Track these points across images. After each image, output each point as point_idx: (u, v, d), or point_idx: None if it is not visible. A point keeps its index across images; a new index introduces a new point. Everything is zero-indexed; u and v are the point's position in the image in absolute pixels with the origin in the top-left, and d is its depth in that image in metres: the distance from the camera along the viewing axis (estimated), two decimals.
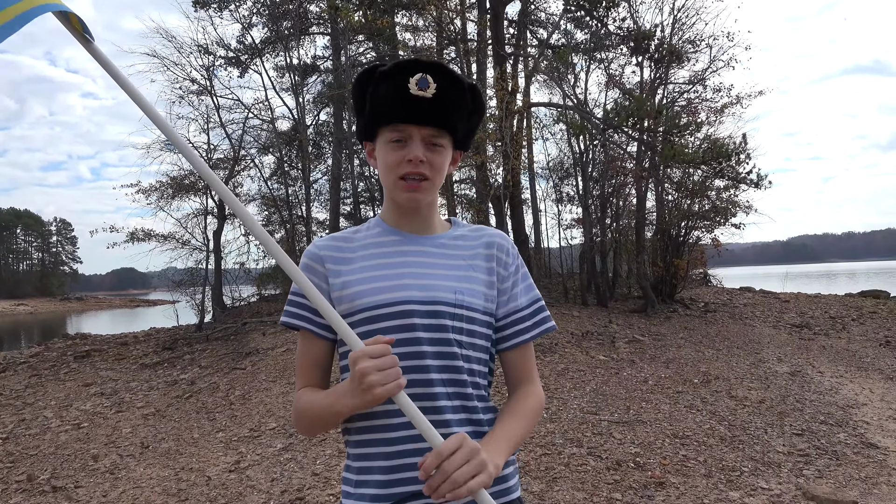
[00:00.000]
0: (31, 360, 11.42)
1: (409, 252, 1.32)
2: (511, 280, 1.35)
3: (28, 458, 5.50)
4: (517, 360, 1.35)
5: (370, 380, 1.09)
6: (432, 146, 1.27)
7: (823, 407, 5.96)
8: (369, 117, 1.30)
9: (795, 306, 13.38)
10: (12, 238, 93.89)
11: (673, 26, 14.68)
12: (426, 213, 1.36)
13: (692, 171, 13.19)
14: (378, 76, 1.27)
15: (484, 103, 1.34)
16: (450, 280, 1.29)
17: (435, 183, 1.30)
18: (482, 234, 1.39)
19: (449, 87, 1.25)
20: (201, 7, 17.92)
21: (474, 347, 1.29)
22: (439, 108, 1.25)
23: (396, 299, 1.26)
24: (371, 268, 1.31)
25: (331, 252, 1.35)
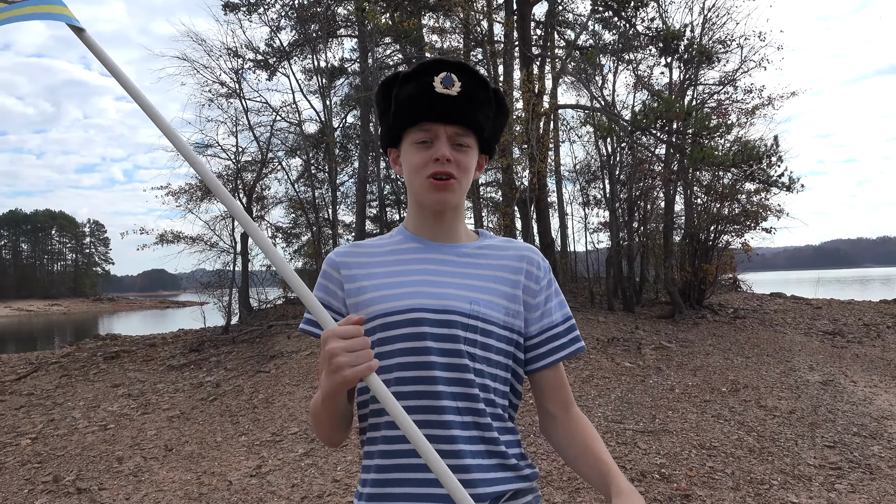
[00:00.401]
0: (62, 359, 11.63)
1: (427, 260, 1.30)
2: (543, 295, 1.31)
3: (55, 459, 5.56)
4: (555, 380, 1.29)
5: (339, 361, 1.05)
6: (458, 146, 1.25)
7: (857, 418, 5.80)
8: (394, 119, 1.29)
9: (828, 313, 13.09)
10: (47, 239, 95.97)
11: (703, 26, 14.47)
12: (451, 220, 1.32)
13: (722, 174, 12.98)
14: (402, 79, 1.27)
15: (507, 106, 1.31)
16: (467, 290, 1.25)
17: (462, 184, 1.27)
18: (512, 245, 1.35)
19: (474, 86, 1.25)
20: (231, 11, 18.15)
21: (489, 362, 1.23)
22: (465, 106, 1.23)
23: (408, 307, 1.23)
24: (387, 275, 1.29)
25: (348, 259, 1.34)
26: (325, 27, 17.85)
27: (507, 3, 15.46)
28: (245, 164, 16.98)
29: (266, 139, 16.80)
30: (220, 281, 15.32)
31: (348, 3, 18.39)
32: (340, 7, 19.09)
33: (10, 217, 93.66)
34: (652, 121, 12.29)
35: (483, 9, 14.98)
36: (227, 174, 16.38)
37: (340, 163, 17.73)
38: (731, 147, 12.39)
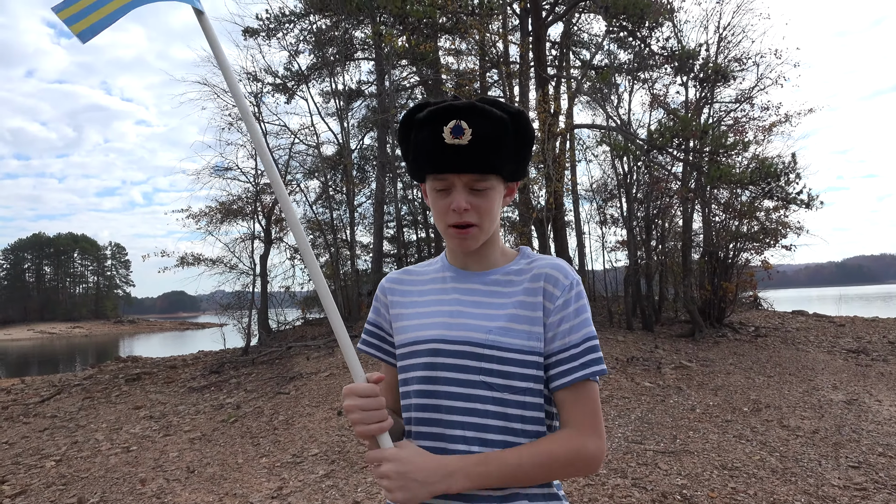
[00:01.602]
0: (84, 382, 11.76)
1: (456, 290, 1.34)
2: (558, 315, 1.25)
3: (79, 481, 5.62)
4: (563, 403, 1.24)
5: (352, 417, 1.20)
6: (477, 191, 1.25)
7: (882, 438, 5.71)
8: (413, 165, 1.31)
9: (851, 330, 12.92)
10: (70, 262, 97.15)
11: (718, 44, 14.51)
12: (482, 251, 1.35)
13: (740, 192, 12.93)
14: (417, 123, 1.27)
15: (531, 129, 1.29)
16: (487, 319, 1.27)
17: (484, 227, 1.28)
18: (537, 265, 1.31)
19: (485, 129, 1.22)
20: (251, 36, 18.47)
21: (512, 390, 1.23)
22: (477, 154, 1.22)
23: (427, 337, 1.29)
24: (420, 304, 1.36)
25: (395, 285, 1.43)
26: (343, 50, 18.10)
27: (522, 24, 15.59)
28: (264, 186, 17.18)
29: (284, 161, 17.01)
30: (240, 302, 15.46)
31: (365, 27, 18.65)
32: (358, 31, 19.35)
33: (34, 240, 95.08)
34: (668, 139, 12.30)
35: (498, 30, 15.12)
36: (246, 196, 16.58)
37: (358, 184, 17.88)
38: (749, 164, 12.35)
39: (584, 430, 1.22)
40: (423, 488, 1.16)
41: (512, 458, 1.19)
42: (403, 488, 1.16)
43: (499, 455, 1.19)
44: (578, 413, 1.23)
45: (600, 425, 1.24)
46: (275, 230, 17.08)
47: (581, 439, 1.21)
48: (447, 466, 1.18)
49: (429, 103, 1.28)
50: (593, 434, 1.22)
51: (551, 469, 1.20)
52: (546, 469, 1.20)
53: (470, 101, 1.25)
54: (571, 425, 1.23)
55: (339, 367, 9.91)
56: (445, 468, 1.18)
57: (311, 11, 18.37)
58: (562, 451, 1.20)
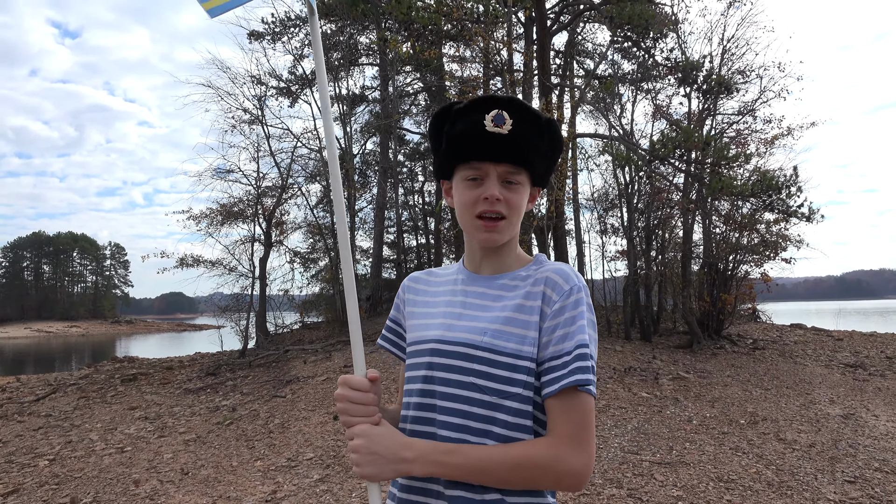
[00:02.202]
0: (80, 381, 11.73)
1: (464, 292, 1.35)
2: (554, 321, 1.22)
3: (72, 481, 5.60)
4: (550, 412, 1.20)
5: (338, 407, 1.25)
6: (509, 184, 1.26)
7: (878, 453, 5.69)
8: (445, 155, 1.31)
9: (849, 345, 12.90)
10: (69, 261, 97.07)
11: (722, 56, 14.55)
12: (499, 252, 1.34)
13: (741, 204, 12.93)
14: (454, 114, 1.28)
15: (562, 138, 1.31)
16: (485, 321, 1.27)
17: (512, 222, 1.28)
18: (542, 270, 1.30)
19: (525, 123, 1.24)
20: (255, 39, 18.52)
21: (500, 393, 1.21)
22: (515, 145, 1.24)
23: (426, 338, 1.32)
24: (429, 304, 1.39)
25: (413, 285, 1.47)
26: (347, 55, 18.14)
27: (526, 32, 15.63)
28: (266, 189, 17.20)
29: (287, 165, 17.03)
30: (238, 305, 15.44)
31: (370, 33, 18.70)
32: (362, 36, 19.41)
33: (34, 239, 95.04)
34: (670, 150, 12.31)
35: (503, 38, 15.15)
36: (247, 199, 16.58)
37: (359, 189, 17.90)
38: (751, 177, 12.36)
39: (565, 442, 1.16)
40: (388, 465, 1.18)
41: (481, 453, 1.17)
42: (370, 463, 1.18)
43: (469, 447, 1.18)
44: (563, 423, 1.17)
45: (586, 439, 1.17)
46: (275, 233, 17.08)
47: (561, 449, 1.16)
48: (413, 447, 1.19)
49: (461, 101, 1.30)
50: (576, 447, 1.16)
51: (521, 473, 1.16)
52: (516, 472, 1.16)
53: (511, 96, 1.27)
54: (554, 435, 1.18)
55: (336, 371, 9.89)
56: (411, 449, 1.19)
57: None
58: (536, 456, 1.16)
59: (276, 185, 17.31)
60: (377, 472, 1.19)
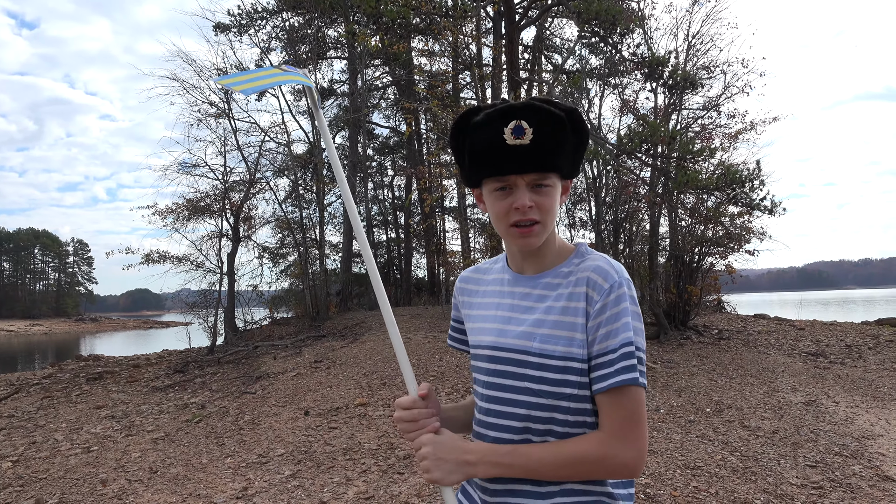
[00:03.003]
0: (44, 381, 11.50)
1: (512, 294, 1.39)
2: (598, 319, 1.24)
3: (37, 482, 5.51)
4: (600, 408, 1.24)
5: (399, 427, 1.38)
6: (539, 187, 1.26)
7: (838, 438, 5.86)
8: (470, 169, 1.31)
9: (811, 334, 13.22)
10: (30, 258, 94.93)
11: (687, 52, 14.76)
12: (540, 252, 1.36)
13: (706, 197, 13.14)
14: (472, 127, 1.27)
15: (586, 126, 1.29)
16: (532, 325, 1.31)
17: (546, 224, 1.29)
18: (584, 266, 1.30)
19: (546, 127, 1.23)
20: (222, 31, 18.28)
21: (555, 396, 1.26)
22: (539, 153, 1.23)
23: (485, 343, 1.39)
24: (482, 306, 1.45)
25: (465, 285, 1.54)
26: (316, 49, 17.99)
27: (495, 27, 15.68)
28: (233, 183, 17.00)
29: (254, 159, 16.85)
30: (206, 301, 15.26)
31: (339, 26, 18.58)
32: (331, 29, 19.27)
33: None
34: (637, 144, 12.46)
35: (472, 33, 15.18)
36: (214, 194, 16.38)
37: (328, 183, 17.77)
38: (715, 171, 12.57)
39: (615, 436, 1.21)
40: (455, 469, 1.28)
41: (536, 454, 1.25)
42: (438, 468, 1.28)
43: (526, 449, 1.26)
44: (612, 418, 1.22)
45: (636, 432, 1.21)
46: (243, 228, 16.89)
47: (610, 444, 1.21)
48: (474, 451, 1.29)
49: (481, 107, 1.29)
50: (625, 440, 1.21)
51: (575, 469, 1.23)
52: (569, 468, 1.23)
53: (527, 100, 1.25)
54: (604, 430, 1.23)
55: (306, 366, 9.85)
56: (473, 452, 1.29)
57: (283, 8, 18.25)
58: (587, 452, 1.22)
59: (244, 180, 17.12)
60: (445, 476, 1.28)
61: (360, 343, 11.24)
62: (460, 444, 1.30)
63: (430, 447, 1.30)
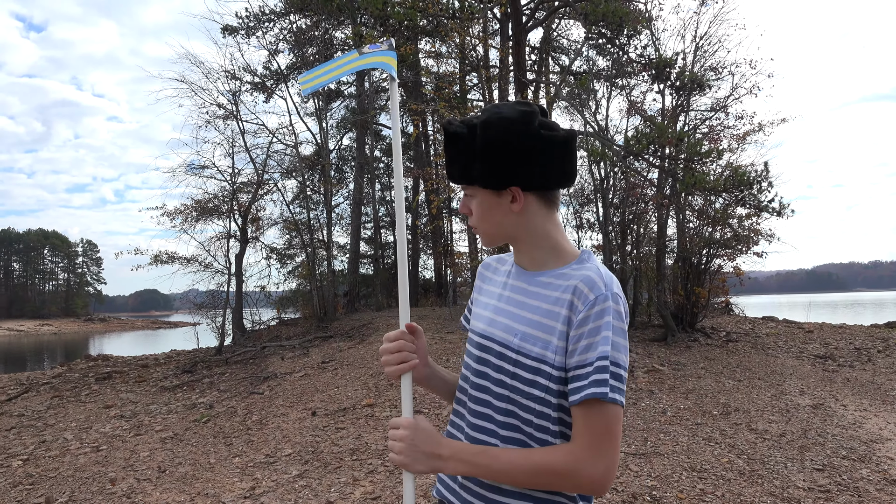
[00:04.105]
0: (53, 380, 11.58)
1: (510, 286, 1.43)
2: (579, 330, 1.23)
3: (47, 481, 5.55)
4: (574, 420, 1.23)
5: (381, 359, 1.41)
6: (469, 197, 1.39)
7: (846, 441, 5.85)
8: None
9: (819, 337, 13.17)
10: (39, 259, 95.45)
11: (695, 54, 14.74)
12: (529, 250, 1.39)
13: (714, 199, 13.11)
14: None
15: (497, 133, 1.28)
16: (517, 322, 1.34)
17: (482, 227, 1.39)
18: (576, 274, 1.30)
19: (453, 145, 1.35)
20: (230, 34, 18.34)
21: (525, 395, 1.28)
22: (452, 168, 1.37)
23: (477, 330, 1.43)
24: (487, 294, 1.49)
25: (483, 271, 1.58)
26: (323, 51, 18.04)
27: (502, 29, 15.67)
28: (241, 185, 17.07)
29: (262, 161, 16.92)
30: (214, 301, 15.32)
31: (346, 28, 18.62)
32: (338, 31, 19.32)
33: (3, 236, 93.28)
34: (644, 146, 12.43)
35: (479, 34, 15.19)
36: (222, 195, 16.45)
37: (336, 184, 17.84)
38: (723, 172, 12.52)
39: (584, 449, 1.20)
40: (424, 459, 1.29)
41: (505, 457, 1.25)
42: (409, 455, 1.29)
43: (496, 452, 1.27)
44: (584, 431, 1.21)
45: (607, 447, 1.20)
46: (251, 229, 16.96)
47: (579, 457, 1.20)
48: (449, 446, 1.30)
49: None
50: (594, 456, 1.19)
51: (542, 479, 1.22)
52: (537, 477, 1.22)
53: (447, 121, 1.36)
54: (575, 442, 1.22)
55: (313, 367, 9.88)
56: (446, 447, 1.30)
57: (291, 10, 18.31)
58: (556, 463, 1.21)
59: (252, 181, 17.19)
60: (411, 463, 1.29)
61: (368, 344, 11.27)
62: (436, 436, 1.31)
63: (408, 431, 1.30)
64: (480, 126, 1.30)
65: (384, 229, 23.19)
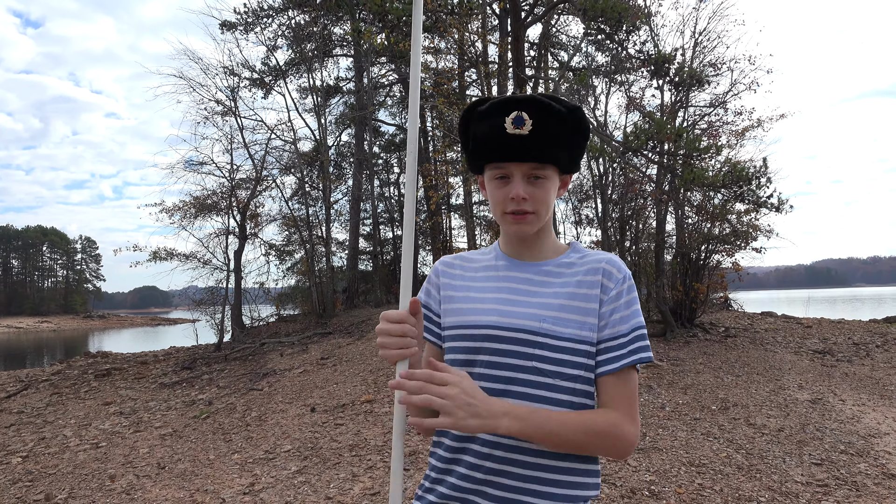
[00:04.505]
0: (52, 377, 11.58)
1: (510, 278, 1.41)
2: (612, 305, 1.33)
3: (47, 477, 5.56)
4: (603, 389, 1.32)
5: (379, 340, 1.28)
6: (535, 179, 1.32)
7: (844, 436, 5.86)
8: (473, 155, 1.38)
9: (818, 332, 13.18)
10: (38, 256, 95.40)
11: (694, 49, 14.71)
12: (536, 241, 1.41)
13: (712, 195, 13.10)
14: (477, 115, 1.34)
15: (587, 124, 1.36)
16: (539, 308, 1.34)
17: (540, 214, 1.35)
18: (591, 259, 1.39)
19: (545, 121, 1.29)
20: (228, 29, 18.31)
21: (561, 376, 1.31)
22: (537, 144, 1.29)
23: (482, 322, 1.37)
24: (473, 289, 1.43)
25: (448, 269, 1.51)
26: (321, 46, 18.02)
27: (501, 24, 15.66)
28: (239, 181, 17.06)
29: (261, 157, 16.91)
30: (213, 298, 15.32)
31: (344, 24, 18.59)
32: (336, 27, 19.29)
33: (2, 233, 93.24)
34: (643, 142, 12.42)
35: (478, 30, 15.17)
36: (221, 191, 16.44)
37: (334, 181, 17.82)
38: (722, 168, 12.52)
39: (624, 413, 1.28)
40: (478, 418, 1.19)
41: (557, 416, 1.25)
42: (463, 411, 1.18)
43: (546, 412, 1.26)
44: (619, 397, 1.30)
45: (637, 413, 1.31)
46: (249, 226, 16.95)
47: (622, 421, 1.27)
48: (502, 406, 1.23)
49: (488, 98, 1.35)
50: (630, 418, 1.29)
51: (589, 437, 1.25)
52: (585, 436, 1.25)
53: (532, 94, 1.32)
54: (611, 407, 1.29)
55: (312, 363, 9.88)
56: (501, 407, 1.22)
57: (289, 6, 18.27)
58: (602, 423, 1.26)
59: (251, 178, 17.19)
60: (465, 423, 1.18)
61: (367, 340, 11.27)
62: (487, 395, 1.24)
63: (458, 389, 1.18)
64: (574, 112, 1.34)
65: (383, 225, 23.18)
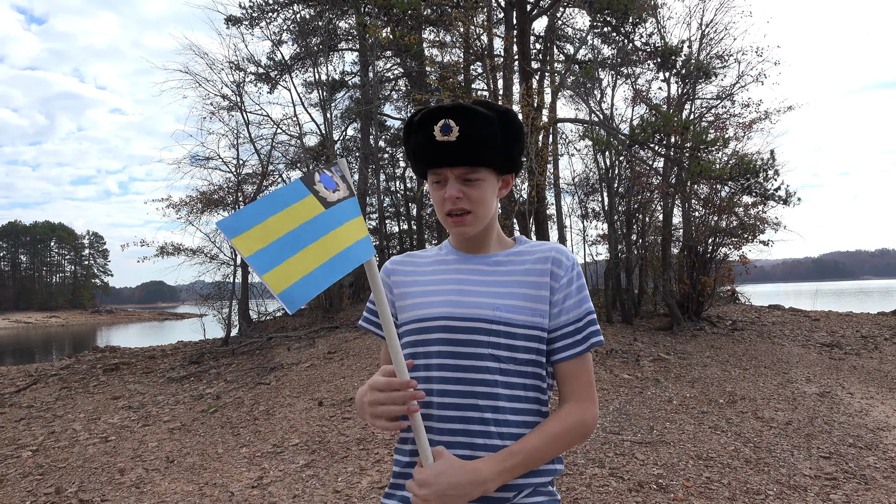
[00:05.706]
0: (61, 372, 11.65)
1: (461, 270, 1.46)
2: (562, 293, 1.39)
3: (57, 471, 5.59)
4: (563, 375, 1.39)
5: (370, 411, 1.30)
6: (469, 181, 1.37)
7: (852, 429, 5.84)
8: (414, 163, 1.44)
9: (826, 325, 13.14)
10: (46, 251, 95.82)
11: (701, 41, 14.63)
12: (482, 237, 1.47)
13: (720, 188, 13.06)
14: (414, 126, 1.39)
15: (517, 125, 1.41)
16: (492, 297, 1.39)
17: (478, 214, 1.40)
18: (539, 248, 1.45)
19: (472, 126, 1.34)
20: (233, 24, 18.31)
21: (515, 361, 1.36)
22: (464, 148, 1.34)
23: (437, 314, 1.41)
24: (426, 283, 1.48)
25: (398, 267, 1.56)
26: (327, 41, 18.00)
27: (506, 17, 15.59)
28: (246, 176, 17.08)
29: (267, 152, 16.93)
30: (220, 293, 15.39)
31: (350, 18, 18.56)
32: (342, 21, 19.26)
33: (10, 228, 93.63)
34: (650, 134, 12.39)
35: (483, 23, 15.11)
36: (227, 186, 16.46)
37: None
38: (729, 161, 12.48)
39: (584, 399, 1.38)
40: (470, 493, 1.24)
41: (528, 446, 1.31)
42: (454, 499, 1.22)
43: (519, 447, 1.31)
44: (578, 385, 1.38)
45: (594, 392, 1.40)
46: None
47: (580, 411, 1.36)
48: (480, 473, 1.26)
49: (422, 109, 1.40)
50: (590, 403, 1.38)
51: (560, 443, 1.33)
52: (555, 447, 1.33)
53: (459, 102, 1.38)
54: (572, 398, 1.38)
55: (319, 357, 9.91)
56: (479, 475, 1.25)
57: (294, 1, 18.25)
58: (567, 428, 1.34)
59: (257, 172, 17.21)
60: None
61: (373, 334, 11.29)
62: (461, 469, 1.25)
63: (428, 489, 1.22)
64: (503, 114, 1.39)
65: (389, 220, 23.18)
